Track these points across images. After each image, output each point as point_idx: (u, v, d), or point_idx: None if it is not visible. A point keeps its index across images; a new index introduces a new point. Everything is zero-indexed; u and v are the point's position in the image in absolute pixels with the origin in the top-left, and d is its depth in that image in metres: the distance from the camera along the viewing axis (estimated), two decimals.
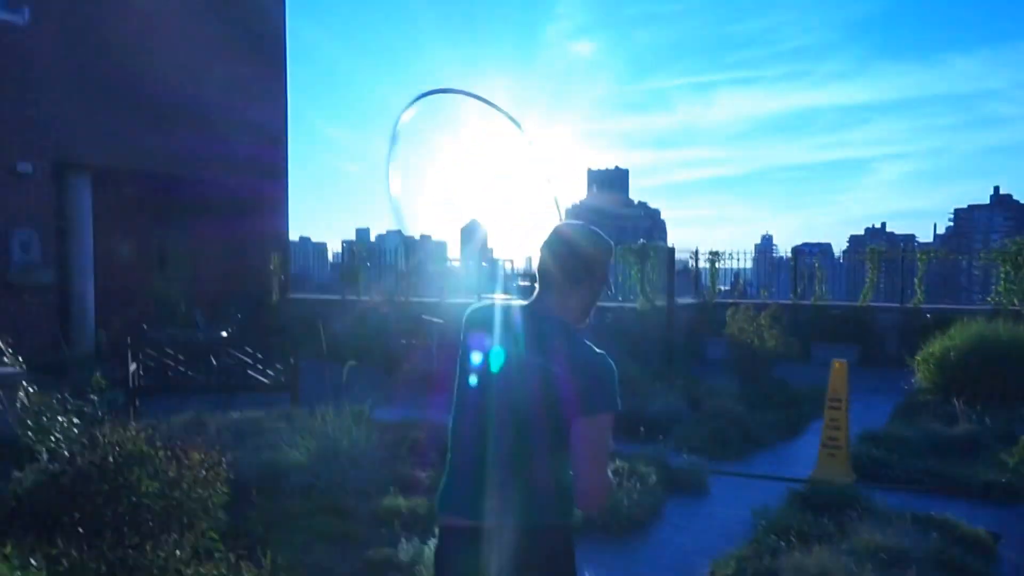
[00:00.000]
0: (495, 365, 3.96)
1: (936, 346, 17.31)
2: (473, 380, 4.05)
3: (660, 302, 26.07)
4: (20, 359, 12.24)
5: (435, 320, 20.38)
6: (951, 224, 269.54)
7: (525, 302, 4.13)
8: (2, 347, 12.19)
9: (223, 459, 7.84)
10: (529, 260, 33.43)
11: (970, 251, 43.41)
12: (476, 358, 4.05)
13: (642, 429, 13.28)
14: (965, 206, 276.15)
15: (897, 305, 26.80)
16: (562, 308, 4.04)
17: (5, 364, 12.25)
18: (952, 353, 16.74)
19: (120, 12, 24.96)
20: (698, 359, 23.21)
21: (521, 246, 32.40)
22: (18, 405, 10.16)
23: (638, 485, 10.34)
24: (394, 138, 4.71)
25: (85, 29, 24.02)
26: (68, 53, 23.56)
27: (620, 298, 27.97)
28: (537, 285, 4.13)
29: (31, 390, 10.53)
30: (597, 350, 3.92)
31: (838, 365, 12.10)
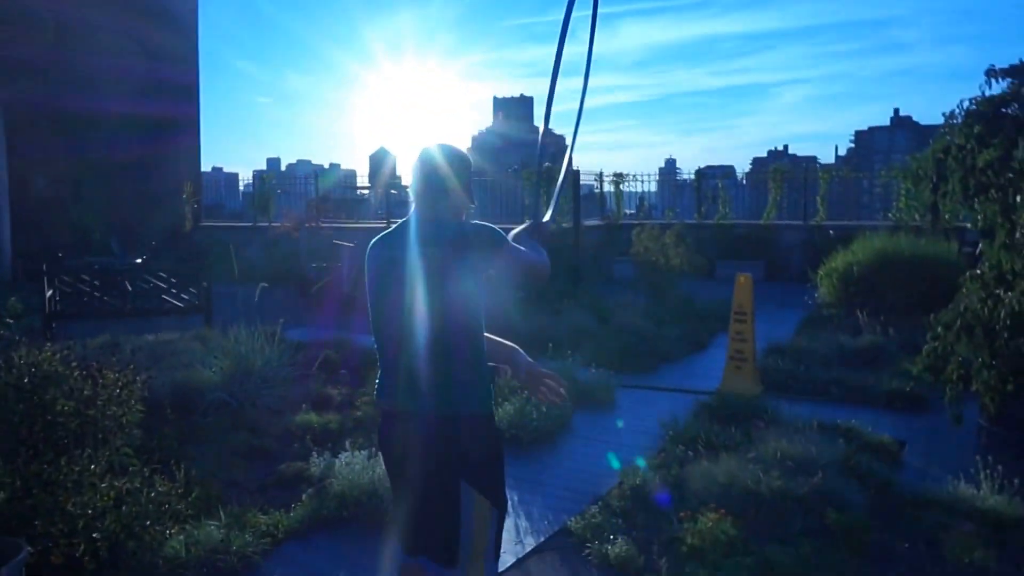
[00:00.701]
0: (402, 273, 4.50)
1: (838, 261, 17.58)
2: (387, 291, 4.62)
3: (566, 224, 26.25)
4: None
5: (346, 244, 20.46)
6: (852, 146, 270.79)
7: (417, 215, 4.68)
8: None
9: (138, 378, 7.95)
10: None
11: (871, 170, 44.04)
12: (383, 273, 4.65)
13: (550, 345, 13.25)
14: (866, 128, 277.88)
15: (800, 223, 27.29)
16: (441, 212, 4.62)
17: None
18: (855, 268, 17.03)
19: None
20: (605, 279, 23.40)
21: None
22: None
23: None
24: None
25: None
26: None
27: (527, 220, 28.17)
28: (412, 199, 4.75)
29: None
30: (480, 224, 4.63)
31: (743, 279, 12.26)
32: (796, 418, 9.89)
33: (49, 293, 14.84)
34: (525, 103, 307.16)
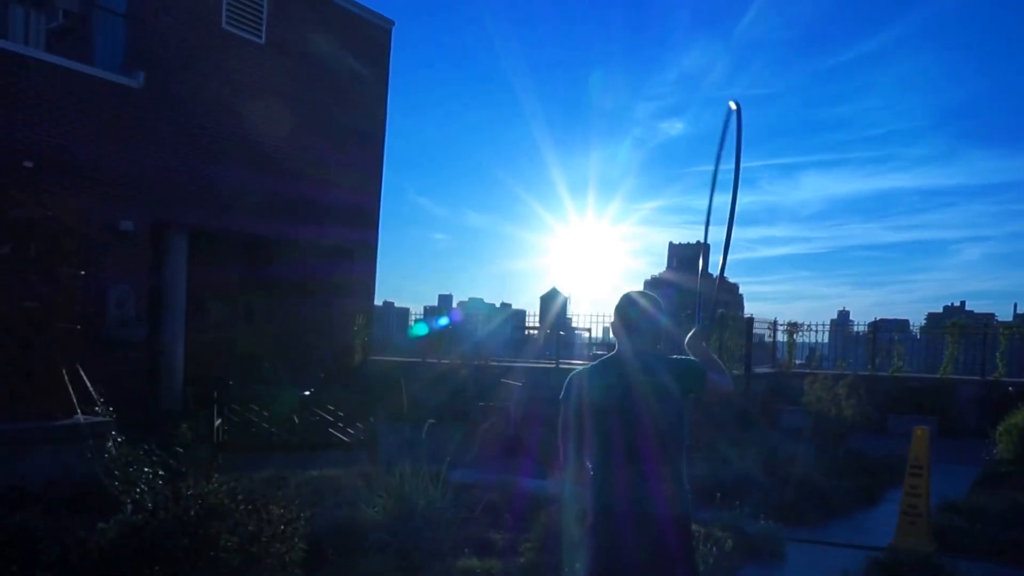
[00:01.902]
0: (628, 399, 5.43)
1: (1019, 417, 17.13)
2: (612, 410, 5.47)
3: (737, 371, 26.02)
4: (111, 409, 12.44)
5: (514, 383, 20.43)
6: None
7: (618, 350, 5.72)
8: (95, 397, 12.40)
9: (301, 515, 7.93)
10: (606, 330, 33.57)
11: None
12: (606, 396, 5.51)
13: (718, 495, 13.03)
14: None
15: (977, 378, 26.62)
16: (651, 345, 5.69)
17: (96, 413, 12.46)
18: None
19: (229, 82, 26.00)
20: (774, 427, 23.06)
21: (599, 317, 32.29)
22: (106, 455, 10.31)
23: (714, 550, 10.18)
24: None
25: (194, 95, 24.91)
26: (177, 116, 24.40)
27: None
28: (624, 333, 5.68)
29: (119, 440, 10.68)
30: (690, 359, 5.73)
31: (920, 432, 11.92)
32: None
33: (218, 423, 14.93)
34: (700, 250, 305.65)
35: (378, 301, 39.51)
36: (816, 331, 32.00)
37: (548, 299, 32.74)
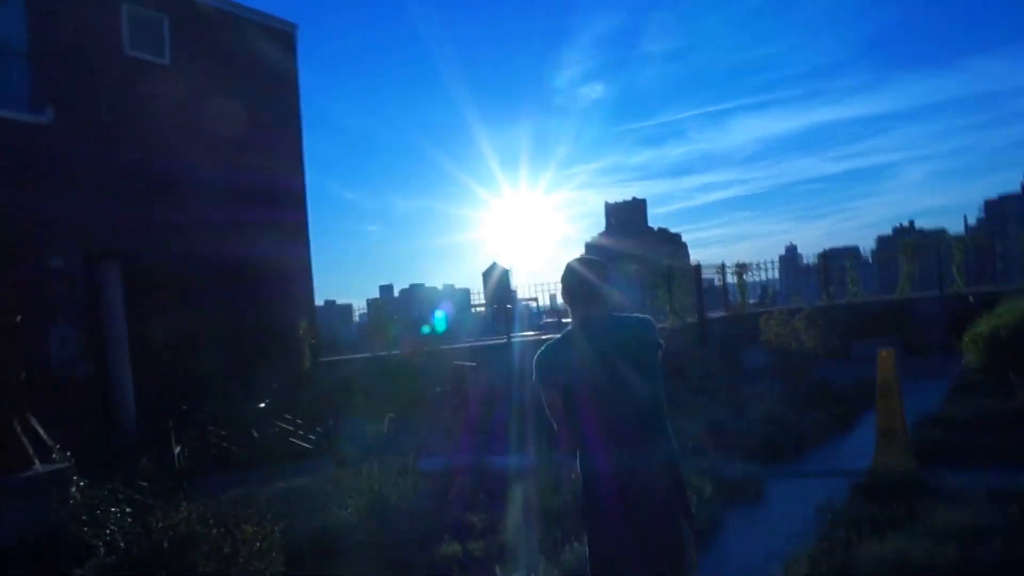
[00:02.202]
0: (599, 364, 5.49)
1: (983, 325, 17.17)
2: (587, 378, 5.51)
3: (691, 319, 26.00)
4: (68, 454, 12.25)
5: (468, 364, 20.32)
6: (982, 216, 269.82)
7: (577, 320, 5.74)
8: (50, 444, 12.20)
9: (275, 529, 7.79)
10: (553, 298, 33.53)
11: (1005, 237, 44.11)
12: (578, 368, 5.53)
13: (690, 444, 12.96)
14: (996, 197, 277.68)
15: (936, 293, 26.80)
16: (608, 308, 5.74)
17: (54, 461, 12.25)
18: (1001, 331, 16.59)
19: (140, 104, 25.57)
20: (736, 369, 23.01)
21: (543, 285, 32.20)
22: (71, 501, 10.14)
23: (695, 498, 10.13)
24: None
25: (106, 122, 24.53)
26: (91, 147, 23.97)
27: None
28: (576, 304, 5.74)
29: (81, 484, 10.48)
30: (638, 315, 5.93)
31: (884, 354, 11.84)
32: (959, 488, 9.52)
33: (177, 450, 14.76)
34: (637, 206, 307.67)
35: (319, 301, 39.36)
36: (766, 269, 32.14)
37: (489, 274, 32.59)
